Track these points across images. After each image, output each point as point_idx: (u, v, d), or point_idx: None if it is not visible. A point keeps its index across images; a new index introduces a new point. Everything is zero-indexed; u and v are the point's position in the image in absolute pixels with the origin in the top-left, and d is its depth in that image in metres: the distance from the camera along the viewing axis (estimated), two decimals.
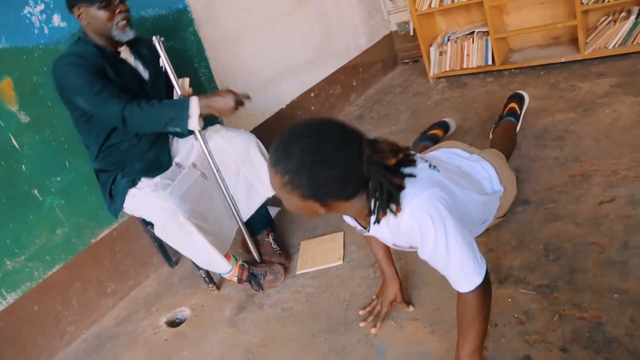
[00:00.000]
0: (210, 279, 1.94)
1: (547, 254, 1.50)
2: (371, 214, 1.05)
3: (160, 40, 1.62)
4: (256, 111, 2.76)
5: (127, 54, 1.76)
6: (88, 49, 1.65)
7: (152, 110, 1.60)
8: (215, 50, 2.51)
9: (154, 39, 1.62)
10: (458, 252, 1.04)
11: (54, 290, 1.90)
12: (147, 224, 2.05)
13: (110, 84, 1.61)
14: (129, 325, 1.95)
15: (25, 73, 1.77)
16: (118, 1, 1.63)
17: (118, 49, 1.74)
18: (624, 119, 2.04)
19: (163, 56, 1.64)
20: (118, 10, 1.63)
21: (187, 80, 1.74)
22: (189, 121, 1.61)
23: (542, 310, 1.32)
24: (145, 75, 1.79)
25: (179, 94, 1.70)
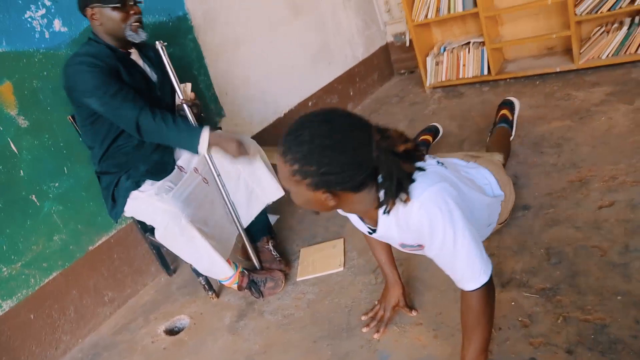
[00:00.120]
0: (209, 286, 1.92)
1: (549, 257, 1.51)
2: (380, 206, 1.04)
3: (163, 45, 1.63)
4: (254, 119, 2.77)
5: (137, 56, 1.77)
6: (101, 49, 1.65)
7: (166, 128, 1.62)
8: (214, 57, 2.53)
9: (157, 43, 1.64)
10: (466, 248, 1.03)
11: (50, 298, 1.87)
12: (146, 231, 2.04)
13: (125, 87, 1.61)
14: (127, 334, 1.92)
15: (25, 77, 1.77)
16: (132, 3, 1.65)
17: (128, 50, 1.74)
18: (619, 126, 2.06)
19: (165, 61, 1.65)
20: (132, 12, 1.64)
21: (189, 85, 1.76)
22: (198, 147, 1.66)
23: (546, 313, 1.32)
24: (154, 77, 1.80)
25: (181, 98, 1.70)
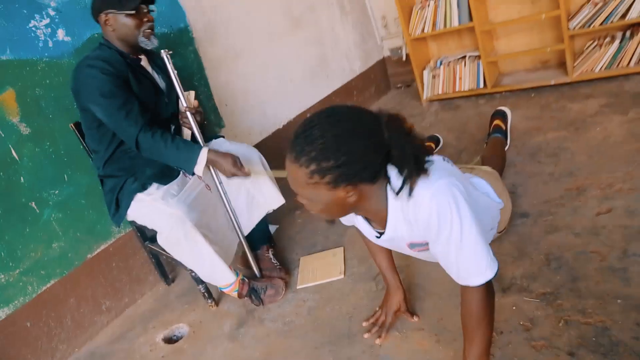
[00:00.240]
0: (209, 294, 1.91)
1: (549, 263, 1.52)
2: (399, 191, 1.02)
3: (168, 54, 1.65)
4: (253, 130, 2.79)
5: (146, 63, 1.80)
6: (113, 55, 1.67)
7: (165, 149, 1.64)
8: (214, 68, 2.56)
9: (163, 52, 1.66)
10: (473, 242, 1.03)
11: (47, 306, 1.85)
12: (146, 239, 2.04)
13: (130, 98, 1.63)
14: (124, 343, 1.89)
15: (28, 85, 1.78)
16: (146, 10, 1.67)
17: (138, 57, 1.76)
18: (614, 135, 2.10)
19: (170, 69, 1.67)
20: (146, 19, 1.67)
21: (193, 94, 1.78)
22: (195, 167, 1.68)
23: (547, 317, 1.32)
24: (162, 85, 1.82)
25: (185, 106, 1.72)
